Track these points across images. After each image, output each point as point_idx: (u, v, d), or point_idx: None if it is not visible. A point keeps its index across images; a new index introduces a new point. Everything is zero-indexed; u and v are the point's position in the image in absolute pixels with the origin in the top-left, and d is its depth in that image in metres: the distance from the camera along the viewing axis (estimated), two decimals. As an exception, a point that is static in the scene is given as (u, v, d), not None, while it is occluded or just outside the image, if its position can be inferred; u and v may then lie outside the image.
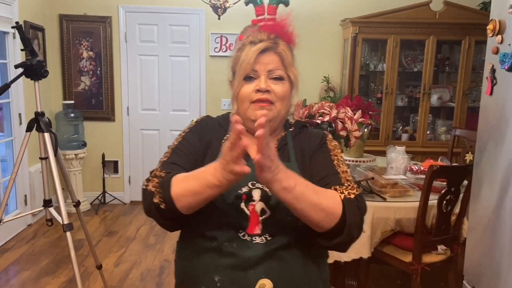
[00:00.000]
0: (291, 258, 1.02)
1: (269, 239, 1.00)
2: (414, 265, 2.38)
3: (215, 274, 1.01)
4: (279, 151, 1.09)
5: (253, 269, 0.99)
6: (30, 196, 3.99)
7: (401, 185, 2.54)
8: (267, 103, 1.08)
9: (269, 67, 1.09)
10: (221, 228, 1.02)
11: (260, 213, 1.01)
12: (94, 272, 3.00)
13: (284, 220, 1.00)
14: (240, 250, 1.00)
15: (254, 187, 1.03)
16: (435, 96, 4.28)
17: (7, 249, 3.49)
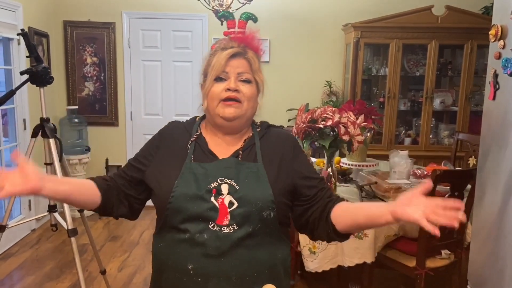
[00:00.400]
0: (256, 246, 1.14)
1: (236, 228, 1.11)
2: (418, 270, 2.37)
3: (188, 262, 1.11)
4: (245, 151, 1.22)
5: (222, 257, 1.10)
6: (34, 201, 4.00)
7: (404, 189, 2.54)
8: (235, 101, 1.20)
9: (239, 70, 1.21)
10: (192, 221, 1.12)
11: (228, 205, 1.13)
12: (98, 277, 3.01)
13: (249, 211, 1.12)
14: (210, 239, 1.11)
15: (222, 183, 1.15)
16: (438, 100, 4.28)
17: (11, 254, 3.50)
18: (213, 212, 1.12)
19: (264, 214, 1.13)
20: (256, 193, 1.14)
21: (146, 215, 4.83)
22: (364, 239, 2.42)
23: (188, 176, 1.16)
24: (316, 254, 2.53)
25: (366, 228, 1.12)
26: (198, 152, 1.22)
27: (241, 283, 1.12)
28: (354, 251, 2.45)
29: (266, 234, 1.16)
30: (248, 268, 1.13)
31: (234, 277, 1.11)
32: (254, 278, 1.14)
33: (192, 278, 1.12)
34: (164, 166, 1.22)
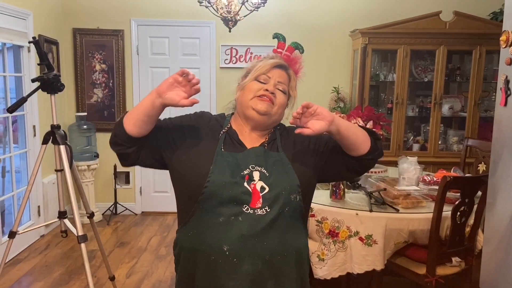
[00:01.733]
0: (285, 228, 1.24)
1: (268, 210, 1.21)
2: (428, 278, 2.35)
3: (224, 244, 1.18)
4: (269, 144, 1.34)
5: (256, 237, 1.19)
6: (44, 207, 4.03)
7: (414, 196, 2.53)
8: (269, 100, 1.31)
9: (279, 79, 1.34)
10: (227, 205, 1.20)
11: (260, 190, 1.23)
12: (107, 283, 3.01)
13: (279, 193, 1.22)
14: (245, 221, 1.19)
15: (254, 170, 1.25)
16: (446, 106, 4.26)
17: (20, 260, 3.52)
18: (247, 196, 1.21)
19: (291, 197, 1.24)
20: (284, 178, 1.25)
21: (153, 221, 4.86)
22: (373, 246, 2.41)
23: (222, 163, 1.25)
24: (325, 261, 2.52)
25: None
26: (228, 142, 1.32)
27: (273, 263, 1.21)
28: (363, 258, 2.43)
29: (293, 218, 1.26)
30: (279, 248, 1.22)
31: (267, 256, 1.19)
32: (284, 258, 1.23)
33: (228, 259, 1.19)
34: (196, 153, 1.29)
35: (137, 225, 4.42)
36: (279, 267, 1.22)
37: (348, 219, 2.44)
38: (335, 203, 2.55)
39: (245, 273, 1.18)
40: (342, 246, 2.48)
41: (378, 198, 2.52)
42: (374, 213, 2.40)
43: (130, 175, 4.80)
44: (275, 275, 1.21)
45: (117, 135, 1.27)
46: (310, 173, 1.33)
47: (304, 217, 1.32)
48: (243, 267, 1.18)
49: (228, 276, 1.19)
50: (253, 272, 1.19)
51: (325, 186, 2.92)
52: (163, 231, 4.25)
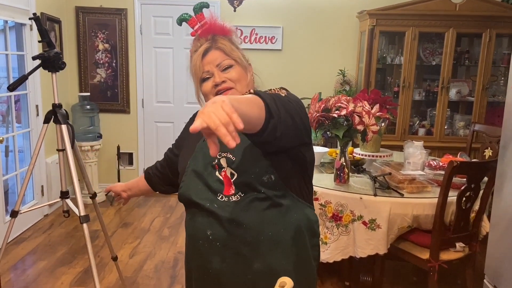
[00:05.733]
0: (266, 209, 1.19)
1: (242, 196, 1.18)
2: (432, 262, 2.34)
3: (207, 229, 1.20)
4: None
5: (234, 221, 1.17)
6: (47, 186, 4.04)
7: (419, 181, 2.50)
8: (228, 90, 1.24)
9: (216, 62, 1.25)
10: (203, 194, 1.21)
11: (230, 176, 1.20)
12: (110, 263, 3.03)
13: (248, 178, 1.17)
14: (221, 208, 1.18)
15: (221, 157, 1.22)
16: (454, 90, 4.19)
17: (24, 239, 3.54)
18: (219, 184, 1.20)
19: (264, 179, 1.17)
20: (250, 161, 1.18)
21: (156, 202, 4.87)
22: (377, 231, 2.39)
23: (199, 155, 1.26)
24: (328, 245, 2.51)
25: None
26: None
27: (257, 244, 1.18)
28: (366, 242, 2.43)
29: (275, 197, 1.19)
30: (261, 229, 1.18)
31: (248, 238, 1.18)
32: (270, 238, 1.19)
33: (211, 243, 1.20)
34: (185, 150, 1.34)
35: (140, 206, 4.43)
36: (265, 248, 1.18)
37: (352, 203, 2.42)
38: (339, 187, 2.53)
39: (229, 256, 1.19)
40: (345, 230, 2.47)
41: (383, 183, 2.50)
42: (378, 198, 2.38)
43: (133, 156, 4.79)
44: (261, 255, 1.18)
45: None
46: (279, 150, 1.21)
47: (292, 192, 1.21)
48: (227, 250, 1.18)
49: (214, 259, 1.20)
50: (237, 255, 1.18)
51: (329, 170, 2.89)
52: (166, 212, 4.26)
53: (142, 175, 1.61)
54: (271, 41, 4.55)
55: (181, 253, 3.33)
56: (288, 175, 1.21)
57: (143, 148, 4.77)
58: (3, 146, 3.66)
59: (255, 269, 1.19)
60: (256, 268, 1.19)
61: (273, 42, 4.55)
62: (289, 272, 1.19)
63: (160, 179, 1.53)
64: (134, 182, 1.65)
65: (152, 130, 4.76)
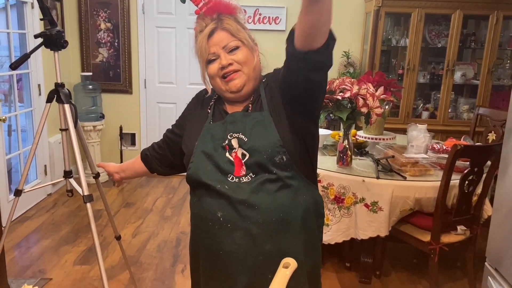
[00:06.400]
0: (277, 190, 1.19)
1: (253, 177, 1.18)
2: (432, 245, 2.35)
3: (217, 211, 1.19)
4: (254, 103, 1.26)
5: (245, 203, 1.17)
6: (50, 166, 4.05)
7: (421, 164, 2.50)
8: (234, 73, 1.22)
9: (222, 44, 1.22)
10: (213, 175, 1.20)
11: (241, 157, 1.19)
12: (113, 242, 3.06)
13: (260, 159, 1.17)
14: (231, 189, 1.18)
15: (232, 138, 1.21)
16: (459, 73, 4.15)
17: (27, 217, 3.58)
18: (230, 165, 1.19)
19: (276, 159, 1.17)
20: (263, 141, 1.18)
21: (159, 183, 4.88)
22: (379, 213, 2.40)
23: (207, 136, 1.25)
24: (329, 226, 2.53)
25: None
26: (217, 113, 1.30)
27: (268, 226, 1.18)
28: (368, 224, 2.44)
29: (286, 178, 1.19)
30: (272, 211, 1.18)
31: (260, 220, 1.17)
32: (281, 219, 1.19)
33: (222, 225, 1.20)
34: (190, 130, 1.33)
35: (143, 186, 4.45)
36: (276, 229, 1.19)
37: (354, 185, 2.43)
38: (342, 170, 2.53)
39: (240, 237, 1.18)
40: (347, 212, 2.49)
41: (386, 165, 2.50)
42: (381, 180, 2.39)
43: (136, 137, 4.79)
44: (272, 237, 1.19)
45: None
46: (293, 126, 1.20)
47: (302, 173, 1.23)
48: (238, 232, 1.18)
49: (225, 240, 1.20)
50: (248, 236, 1.18)
51: (332, 152, 2.89)
52: (168, 192, 4.28)
53: (137, 157, 1.57)
54: (274, 21, 4.49)
55: (184, 233, 3.36)
56: (299, 156, 1.22)
57: (146, 129, 4.77)
58: (6, 126, 3.66)
59: (266, 250, 1.19)
60: (267, 249, 1.19)
61: (276, 22, 4.49)
62: (298, 253, 1.21)
63: (159, 160, 1.50)
64: (129, 164, 1.61)
65: (155, 111, 4.75)
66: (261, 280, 1.20)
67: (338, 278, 2.77)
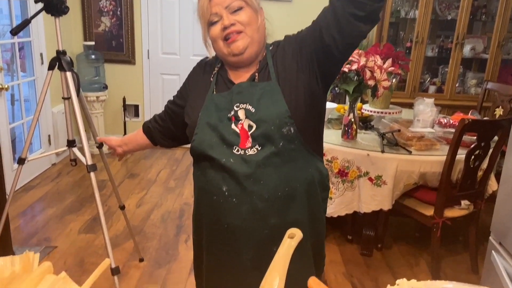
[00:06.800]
0: (283, 163, 1.17)
1: (259, 149, 1.15)
2: (435, 219, 2.36)
3: (223, 185, 1.17)
4: (260, 72, 1.21)
5: (251, 177, 1.15)
6: (54, 136, 4.05)
7: (427, 139, 2.47)
8: (237, 34, 1.17)
9: (225, 4, 1.16)
10: (217, 148, 1.17)
11: (248, 129, 1.16)
12: (117, 212, 3.09)
13: (268, 130, 1.14)
14: (236, 163, 1.15)
15: (238, 108, 1.17)
16: (468, 46, 4.06)
17: (32, 186, 3.60)
18: (235, 137, 1.16)
19: (283, 130, 1.14)
20: (271, 112, 1.15)
21: (163, 155, 4.88)
22: (382, 187, 2.40)
23: (210, 107, 1.21)
24: (333, 200, 2.53)
25: None
26: (220, 83, 1.26)
27: (274, 200, 1.17)
28: (371, 198, 2.44)
29: (292, 151, 1.17)
30: (278, 185, 1.16)
31: (266, 194, 1.15)
32: (286, 193, 1.18)
33: (227, 199, 1.18)
34: (193, 101, 1.29)
35: (146, 158, 4.46)
36: (282, 203, 1.18)
37: (359, 159, 2.42)
38: (346, 143, 2.51)
39: (245, 212, 1.17)
40: (351, 186, 2.48)
41: (391, 139, 2.47)
42: (385, 154, 2.37)
43: (139, 108, 4.77)
44: (278, 211, 1.18)
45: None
46: (305, 96, 1.17)
47: (308, 146, 1.20)
48: (243, 206, 1.17)
49: (229, 215, 1.19)
50: (254, 210, 1.17)
51: (336, 126, 2.86)
52: (172, 164, 4.29)
53: (139, 129, 1.54)
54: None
55: (187, 204, 3.39)
56: (306, 128, 1.19)
57: (149, 101, 4.73)
58: (8, 95, 3.64)
59: (272, 224, 1.18)
60: (272, 223, 1.18)
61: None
62: (303, 225, 1.20)
63: (161, 133, 1.47)
64: (132, 137, 1.58)
65: (158, 82, 4.70)
66: (266, 253, 1.20)
67: (340, 250, 2.79)
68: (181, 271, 2.51)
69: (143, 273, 2.49)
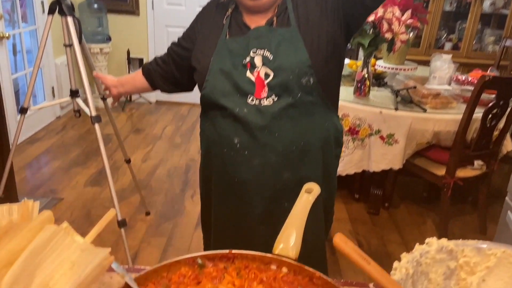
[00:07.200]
0: (300, 115, 1.10)
1: (276, 100, 1.07)
2: (447, 179, 2.31)
3: (234, 137, 1.11)
4: (278, 17, 1.12)
5: (266, 129, 1.08)
6: (58, 88, 3.98)
7: (443, 96, 2.38)
8: None
9: None
10: (230, 96, 1.09)
11: (264, 77, 1.08)
12: (123, 166, 3.06)
13: (286, 79, 1.06)
14: (251, 113, 1.08)
15: (255, 55, 1.09)
16: (488, 1, 3.86)
17: (37, 139, 3.57)
18: (250, 85, 1.08)
19: (302, 81, 1.07)
20: (291, 60, 1.07)
21: (168, 111, 4.81)
22: (394, 146, 2.34)
23: (223, 52, 1.12)
24: (342, 158, 2.47)
25: None
26: (234, 26, 1.16)
27: (288, 154, 1.12)
28: (382, 156, 2.39)
29: (310, 103, 1.11)
30: (293, 138, 1.11)
31: (280, 147, 1.11)
32: (301, 148, 1.12)
33: (239, 152, 1.12)
34: (203, 44, 1.19)
35: (152, 113, 4.40)
36: (296, 158, 1.13)
37: (371, 117, 2.34)
38: (359, 100, 2.42)
39: (257, 165, 1.12)
40: (361, 144, 2.42)
41: (406, 96, 2.38)
42: (399, 112, 2.29)
43: (144, 62, 4.65)
44: (291, 165, 1.13)
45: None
46: (327, 45, 1.09)
47: (326, 99, 1.14)
48: (255, 160, 1.12)
49: (240, 168, 1.14)
50: (266, 164, 1.12)
51: (348, 83, 2.76)
52: (178, 120, 4.23)
53: (138, 71, 1.42)
54: None
55: (193, 160, 3.35)
56: (326, 79, 1.12)
57: (154, 54, 4.59)
58: (10, 45, 3.53)
59: (284, 178, 1.14)
60: (285, 177, 1.14)
61: None
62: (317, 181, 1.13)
63: (162, 76, 1.36)
64: (129, 78, 1.48)
65: (163, 35, 4.55)
66: (277, 208, 1.17)
67: (347, 209, 2.78)
68: (187, 225, 2.51)
69: (150, 226, 2.49)
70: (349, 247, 0.53)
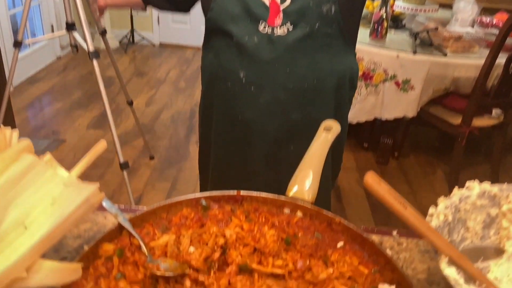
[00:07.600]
0: (316, 49, 0.99)
1: (291, 30, 0.96)
2: (463, 128, 2.21)
3: (239, 70, 1.00)
4: None
5: (277, 62, 0.97)
6: (57, 25, 3.82)
7: (466, 40, 2.23)
8: None
9: None
10: (239, 22, 0.97)
11: (280, 1, 0.95)
12: (126, 109, 2.97)
13: (305, 6, 0.94)
14: (262, 43, 0.96)
15: None
16: None
17: (38, 79, 3.47)
18: (263, 9, 0.95)
19: (323, 8, 0.94)
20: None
21: (172, 54, 4.64)
22: (409, 92, 2.22)
23: None
24: (353, 104, 2.37)
25: None
26: None
27: (299, 92, 1.02)
28: (396, 103, 2.28)
29: (328, 36, 0.98)
30: (306, 75, 1.00)
31: (290, 84, 1.00)
32: (314, 86, 1.02)
33: (244, 88, 1.02)
34: None
35: (155, 56, 4.24)
36: (307, 97, 1.03)
37: (387, 61, 2.21)
38: (375, 43, 2.28)
39: (264, 103, 1.02)
40: (375, 90, 2.31)
41: (425, 39, 2.23)
42: (417, 56, 2.15)
43: None
44: (301, 105, 1.03)
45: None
46: None
47: (346, 33, 1.02)
48: (262, 97, 1.01)
49: (245, 106, 1.03)
50: (274, 102, 1.01)
51: (363, 25, 2.60)
52: (182, 64, 4.08)
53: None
54: None
55: (198, 106, 3.25)
56: (348, 10, 0.98)
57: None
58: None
59: (293, 119, 1.04)
60: (293, 118, 1.04)
61: None
62: None
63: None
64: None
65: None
66: (282, 151, 1.08)
67: (355, 158, 2.71)
68: (192, 170, 2.46)
69: (154, 170, 2.45)
70: (383, 189, 0.45)
